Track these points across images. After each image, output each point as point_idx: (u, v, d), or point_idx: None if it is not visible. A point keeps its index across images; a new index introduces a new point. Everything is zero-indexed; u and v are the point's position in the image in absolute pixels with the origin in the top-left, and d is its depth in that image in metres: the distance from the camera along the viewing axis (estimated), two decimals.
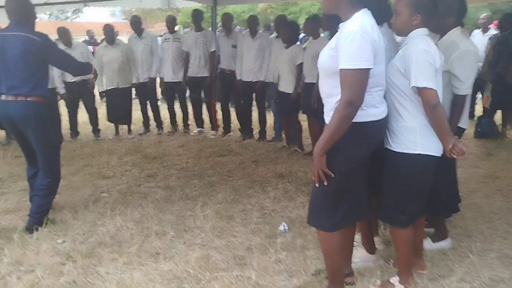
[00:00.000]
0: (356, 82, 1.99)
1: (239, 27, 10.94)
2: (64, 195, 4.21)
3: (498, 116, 6.70)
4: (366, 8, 2.11)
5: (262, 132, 6.41)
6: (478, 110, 7.45)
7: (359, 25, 2.01)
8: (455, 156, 2.31)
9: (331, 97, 2.15)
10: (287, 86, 5.51)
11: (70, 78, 6.30)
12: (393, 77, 2.29)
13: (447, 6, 2.70)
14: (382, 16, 2.60)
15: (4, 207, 3.94)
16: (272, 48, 5.93)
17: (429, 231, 3.10)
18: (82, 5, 7.36)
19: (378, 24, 2.55)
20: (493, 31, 7.86)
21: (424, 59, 2.19)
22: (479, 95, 7.42)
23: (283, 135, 6.20)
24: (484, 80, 6.33)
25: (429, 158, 2.30)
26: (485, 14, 8.20)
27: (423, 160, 2.29)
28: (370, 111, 2.14)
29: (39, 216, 3.45)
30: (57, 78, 6.27)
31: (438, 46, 2.73)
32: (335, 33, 2.16)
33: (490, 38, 6.84)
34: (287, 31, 5.52)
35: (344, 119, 2.02)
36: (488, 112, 6.60)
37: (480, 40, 7.37)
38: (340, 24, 2.16)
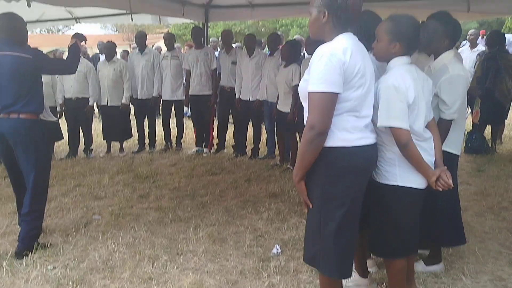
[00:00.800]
0: (319, 105, 1.95)
1: (237, 43, 10.98)
2: (54, 217, 4.18)
3: (487, 131, 6.77)
4: (349, 32, 2.10)
5: (256, 149, 6.42)
6: (468, 125, 7.52)
7: (330, 47, 1.99)
8: (440, 189, 2.26)
9: None
10: (284, 105, 5.51)
11: (68, 94, 6.34)
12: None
13: (439, 31, 2.73)
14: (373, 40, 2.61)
15: None
16: (268, 66, 5.93)
17: (423, 252, 3.11)
18: (73, 21, 7.40)
19: (369, 49, 2.57)
20: (481, 46, 7.99)
21: (393, 96, 2.15)
22: (468, 110, 7.50)
23: (276, 153, 6.21)
24: (473, 95, 6.41)
25: (410, 190, 2.27)
26: (472, 30, 8.34)
27: (404, 192, 2.26)
28: (340, 135, 2.04)
29: (28, 241, 3.40)
30: (59, 93, 6.35)
31: (431, 68, 2.77)
32: None
33: (478, 54, 6.96)
34: (287, 49, 5.53)
35: (307, 143, 1.99)
36: (478, 127, 6.68)
37: (468, 55, 7.49)
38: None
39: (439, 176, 2.24)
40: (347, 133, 2.06)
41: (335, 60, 1.95)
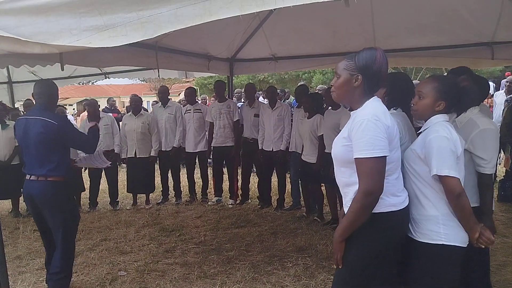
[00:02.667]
0: (373, 171, 1.97)
1: (259, 93, 11.18)
2: (80, 273, 4.17)
3: None
4: (375, 96, 2.13)
5: (281, 200, 6.36)
6: (500, 171, 7.31)
7: (372, 113, 2.01)
8: (483, 246, 2.21)
9: (348, 186, 2.13)
10: (309, 156, 5.51)
11: None
12: (413, 163, 2.25)
13: (472, 96, 2.71)
14: (397, 100, 2.63)
15: None
16: (297, 117, 5.98)
17: None
18: (103, 76, 7.71)
19: (393, 107, 2.59)
20: None
21: (446, 146, 2.14)
22: (501, 155, 7.31)
23: (302, 203, 6.14)
24: (504, 142, 6.26)
25: (453, 249, 2.19)
26: (510, 77, 8.21)
27: (447, 251, 2.18)
28: (390, 200, 2.08)
29: None
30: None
31: (457, 122, 2.74)
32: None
33: (506, 100, 6.84)
34: (310, 101, 5.59)
35: (362, 209, 2.01)
36: (511, 175, 6.47)
37: (501, 101, 7.37)
38: (351, 113, 2.17)
39: (481, 233, 2.19)
40: (395, 197, 2.11)
41: (380, 124, 1.99)
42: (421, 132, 2.36)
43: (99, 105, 6.87)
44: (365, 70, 2.07)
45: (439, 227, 2.19)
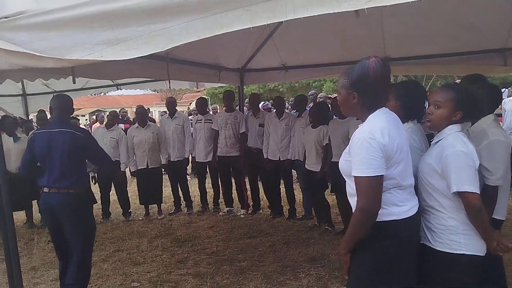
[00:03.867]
0: (368, 189, 1.98)
1: (265, 102, 11.22)
2: (94, 285, 4.19)
3: None
4: (381, 108, 2.10)
5: (292, 210, 6.34)
6: None
7: (368, 131, 2.00)
8: (501, 253, 2.22)
9: (353, 197, 2.12)
10: (313, 164, 5.51)
11: None
12: (428, 177, 2.24)
13: (481, 97, 2.69)
14: (413, 111, 2.61)
15: None
16: (298, 126, 6.01)
17: None
18: (114, 88, 7.80)
19: (407, 120, 2.56)
20: None
21: (464, 161, 2.13)
22: None
23: (313, 212, 6.12)
24: None
25: (473, 258, 2.18)
26: None
27: (468, 260, 2.18)
28: (391, 209, 2.07)
29: None
30: None
31: (469, 132, 2.71)
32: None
33: None
34: (316, 111, 5.60)
35: (360, 224, 2.03)
36: None
37: (511, 107, 7.31)
38: (359, 125, 2.16)
39: (498, 241, 2.19)
40: (397, 207, 2.08)
41: (375, 143, 1.96)
42: (434, 141, 2.34)
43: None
44: (359, 86, 2.05)
45: (459, 237, 2.19)
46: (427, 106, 2.48)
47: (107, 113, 7.13)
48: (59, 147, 3.45)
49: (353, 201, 2.14)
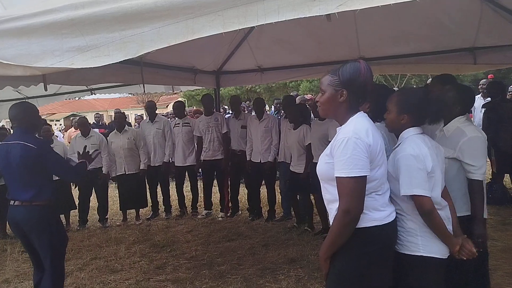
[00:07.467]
0: (352, 190, 1.94)
1: (245, 103, 11.20)
2: None
3: (507, 179, 6.62)
4: (361, 112, 2.11)
5: (271, 211, 6.35)
6: (488, 174, 7.37)
7: (353, 131, 1.98)
8: (464, 258, 2.22)
9: (332, 203, 2.09)
10: (297, 166, 5.53)
11: None
12: (389, 182, 2.23)
13: (452, 99, 2.73)
14: (382, 113, 2.62)
15: None
16: (285, 128, 5.96)
17: None
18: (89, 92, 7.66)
19: (378, 120, 2.59)
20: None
21: (412, 164, 2.15)
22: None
23: (292, 214, 6.13)
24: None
25: (433, 260, 2.20)
26: (484, 80, 8.37)
27: (427, 262, 2.19)
28: (373, 215, 2.04)
29: None
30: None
31: (444, 132, 2.76)
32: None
33: (483, 105, 6.93)
34: (294, 112, 5.62)
35: (343, 227, 1.98)
36: (497, 177, 6.54)
37: (479, 105, 7.46)
38: (337, 128, 2.15)
39: (462, 245, 2.21)
40: (378, 212, 2.06)
41: (361, 143, 1.95)
42: (394, 147, 2.37)
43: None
44: (350, 84, 2.04)
45: (417, 239, 2.21)
46: None
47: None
48: (14, 160, 3.35)
49: (332, 207, 2.09)
